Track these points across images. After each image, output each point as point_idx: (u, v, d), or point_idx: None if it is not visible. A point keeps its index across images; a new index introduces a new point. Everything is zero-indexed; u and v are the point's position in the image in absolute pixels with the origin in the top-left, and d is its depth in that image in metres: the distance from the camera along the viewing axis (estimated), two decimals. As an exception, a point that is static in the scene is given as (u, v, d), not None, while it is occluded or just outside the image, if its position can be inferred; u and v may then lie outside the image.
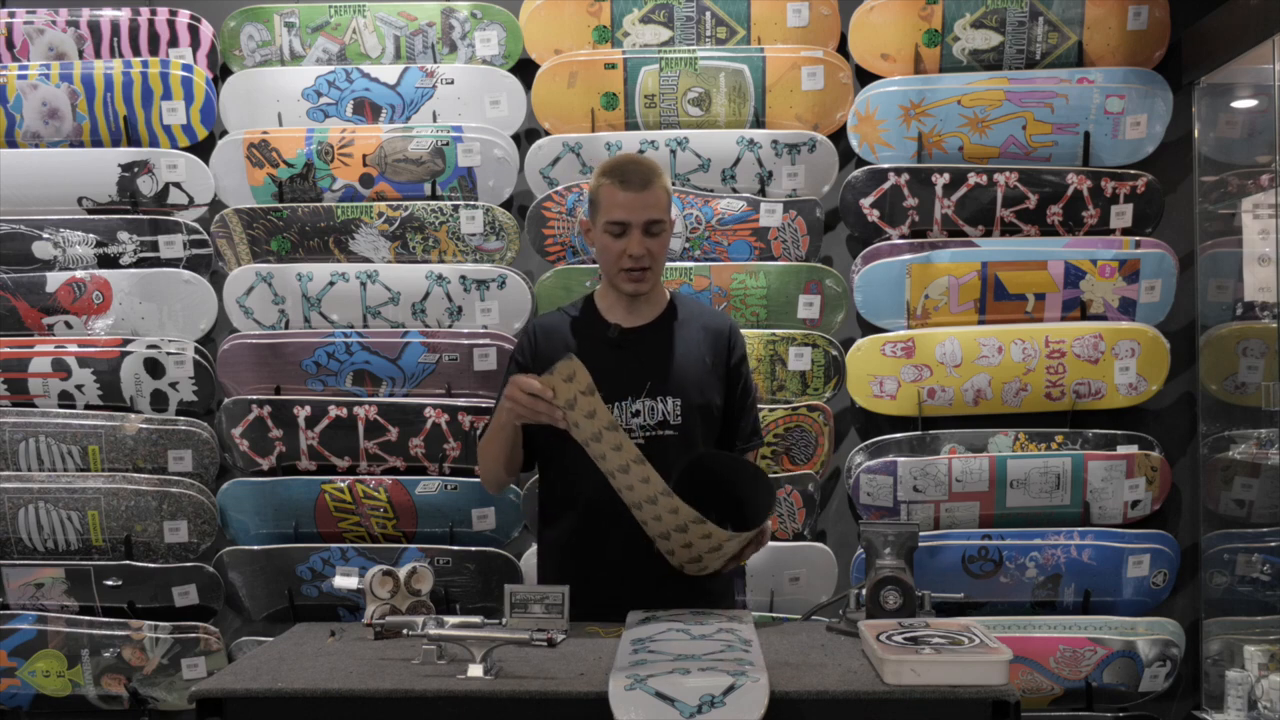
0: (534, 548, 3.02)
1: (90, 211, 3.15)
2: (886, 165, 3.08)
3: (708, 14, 3.13)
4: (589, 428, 1.96)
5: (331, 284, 3.09)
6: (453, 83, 3.12)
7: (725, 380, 2.27)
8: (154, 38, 3.16)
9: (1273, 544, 2.94)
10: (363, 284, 3.09)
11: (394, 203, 3.11)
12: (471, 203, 3.10)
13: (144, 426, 3.07)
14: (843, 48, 3.14)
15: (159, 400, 3.10)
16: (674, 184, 3.06)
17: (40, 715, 3.12)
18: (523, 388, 1.98)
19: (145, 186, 3.12)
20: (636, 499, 2.00)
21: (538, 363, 2.24)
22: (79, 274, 3.11)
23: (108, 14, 3.17)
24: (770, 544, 2.99)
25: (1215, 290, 3.10)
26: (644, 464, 1.95)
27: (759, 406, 2.54)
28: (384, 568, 2.21)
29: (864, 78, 3.15)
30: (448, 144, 3.09)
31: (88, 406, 3.11)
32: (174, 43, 3.16)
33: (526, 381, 1.99)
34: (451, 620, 1.91)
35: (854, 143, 3.11)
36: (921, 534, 2.74)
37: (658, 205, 2.16)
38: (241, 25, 3.16)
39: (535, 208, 3.09)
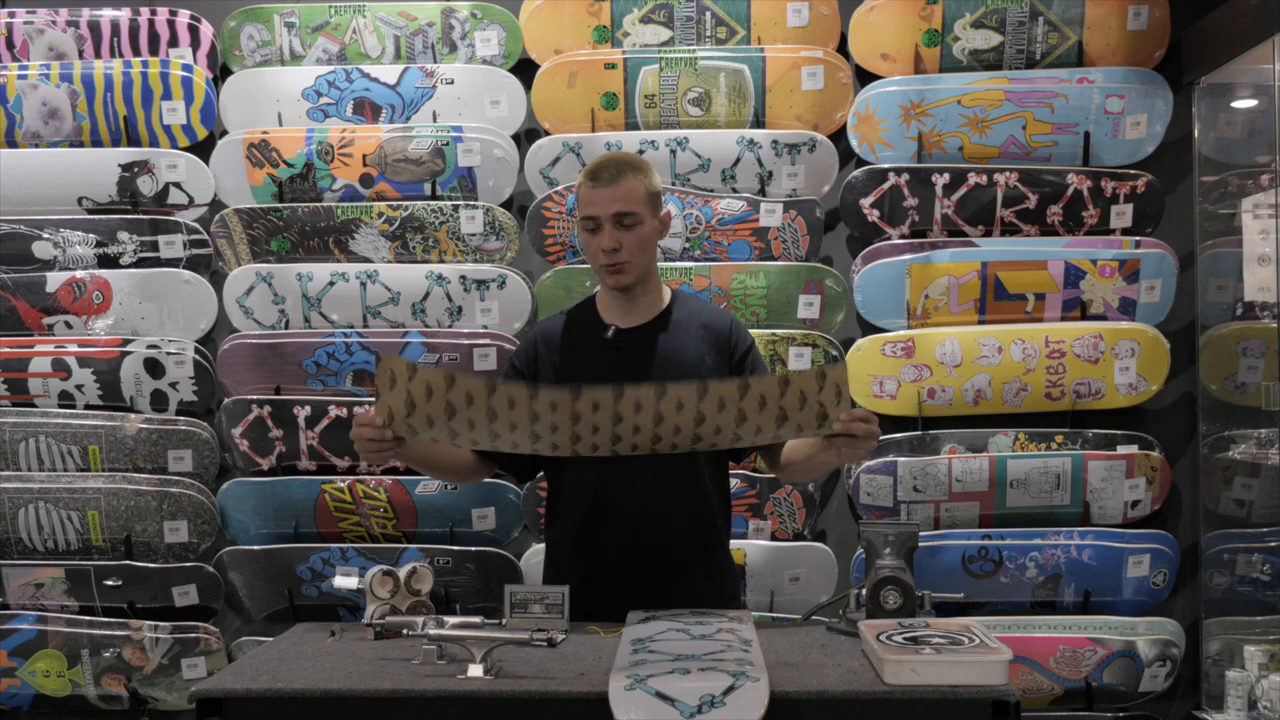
0: (534, 547, 3.03)
1: (90, 211, 3.15)
2: (886, 165, 3.08)
3: (708, 14, 3.13)
4: (437, 408, 1.88)
5: (331, 284, 3.09)
6: (453, 83, 3.12)
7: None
8: (154, 38, 3.17)
9: (1273, 544, 2.94)
10: (363, 284, 3.09)
11: (394, 203, 3.11)
12: (471, 203, 3.10)
13: (144, 426, 3.07)
14: (843, 48, 3.14)
15: (159, 400, 3.10)
16: (674, 184, 3.06)
17: (40, 715, 3.12)
18: (358, 424, 2.01)
19: (145, 186, 3.12)
20: (582, 425, 1.88)
21: (538, 369, 2.24)
22: (79, 274, 3.11)
23: (108, 14, 3.17)
24: (770, 544, 3.01)
25: (1215, 290, 3.10)
26: (537, 392, 1.88)
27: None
28: (384, 568, 2.22)
29: (864, 78, 3.15)
30: (448, 144, 3.09)
31: (88, 406, 3.11)
32: (174, 43, 3.16)
33: (361, 418, 2.02)
34: (451, 620, 1.91)
35: (854, 143, 3.11)
36: (921, 534, 2.73)
37: (627, 198, 2.14)
38: (241, 25, 3.16)
39: (535, 208, 3.09)
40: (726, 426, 1.92)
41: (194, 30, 3.17)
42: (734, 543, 2.84)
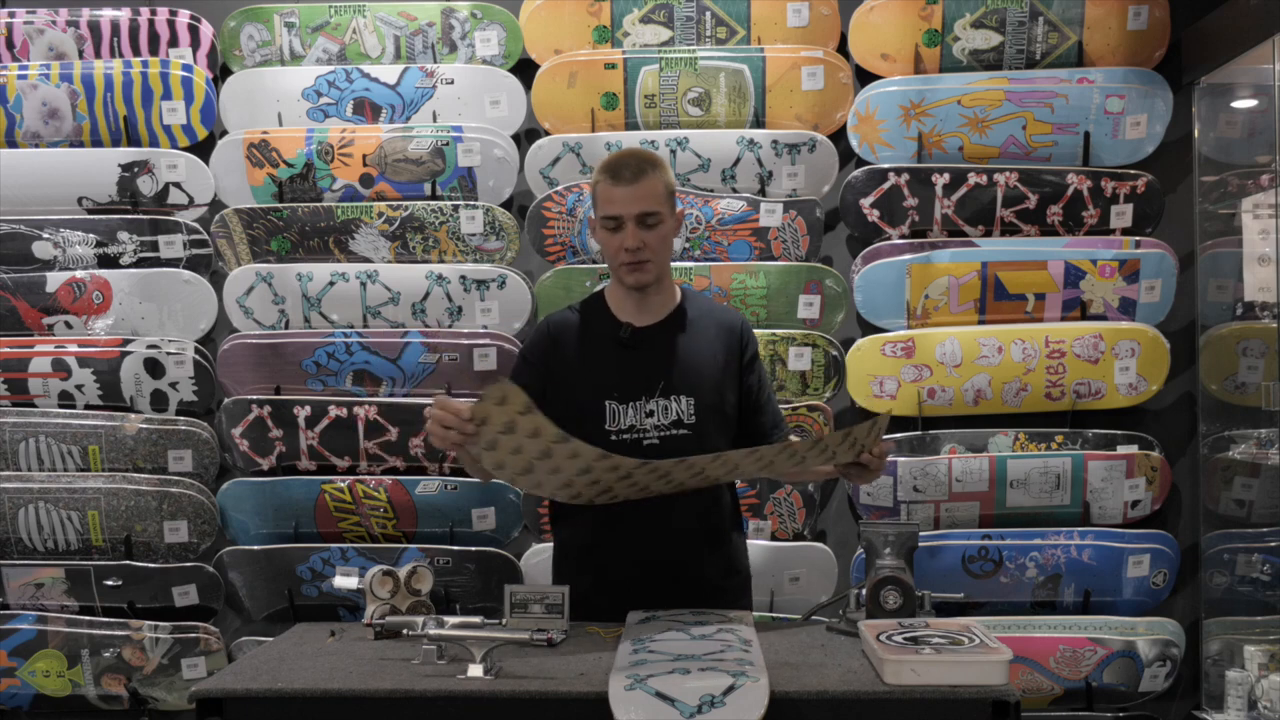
0: (534, 547, 3.03)
1: (90, 211, 3.16)
2: (886, 165, 3.08)
3: (708, 14, 3.13)
4: (534, 446, 1.78)
5: (331, 284, 3.09)
6: (453, 83, 3.12)
7: (739, 378, 2.25)
8: (154, 38, 3.17)
9: (1273, 544, 2.94)
10: (363, 284, 3.09)
11: (394, 203, 3.11)
12: (471, 203, 3.10)
13: (144, 426, 3.07)
14: (843, 48, 3.14)
15: (159, 400, 3.10)
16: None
17: (40, 715, 3.12)
18: (443, 407, 1.83)
19: (145, 186, 3.12)
20: (631, 483, 1.92)
21: (554, 362, 2.23)
22: (79, 274, 3.11)
23: (108, 14, 3.17)
24: (770, 544, 3.01)
25: (1215, 290, 3.10)
26: (608, 457, 1.81)
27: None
28: (384, 568, 2.21)
29: (864, 78, 3.15)
30: (448, 144, 3.09)
31: (88, 406, 3.11)
32: (174, 43, 3.16)
33: (449, 403, 1.84)
34: (451, 620, 1.91)
35: (854, 143, 3.11)
36: (921, 534, 2.74)
37: (650, 197, 2.13)
38: (241, 25, 3.16)
39: (535, 208, 3.09)
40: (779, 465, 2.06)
41: (194, 30, 3.17)
42: (734, 543, 2.85)
